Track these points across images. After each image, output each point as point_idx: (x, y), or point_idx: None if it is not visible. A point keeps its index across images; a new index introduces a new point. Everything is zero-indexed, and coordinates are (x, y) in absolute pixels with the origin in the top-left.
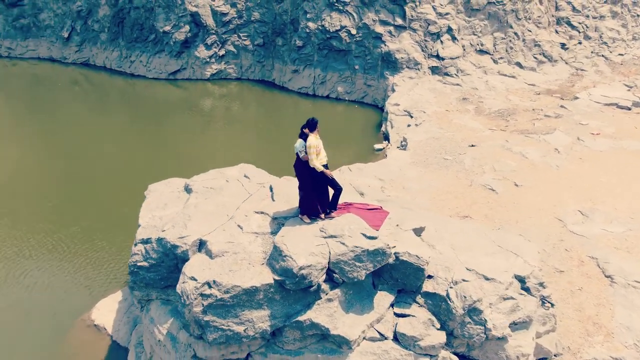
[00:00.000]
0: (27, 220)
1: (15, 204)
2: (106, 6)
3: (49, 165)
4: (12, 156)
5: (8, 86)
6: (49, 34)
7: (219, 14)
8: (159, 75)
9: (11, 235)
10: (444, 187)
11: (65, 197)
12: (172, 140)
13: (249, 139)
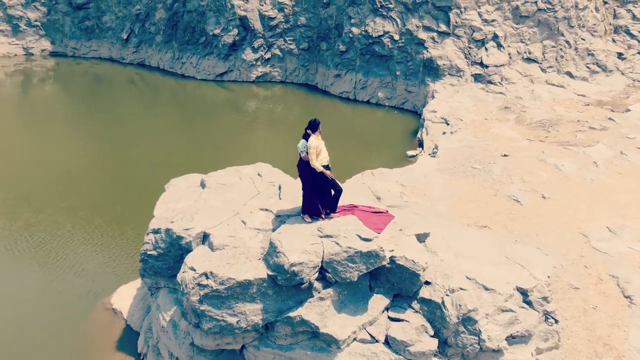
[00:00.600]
0: (68, 207)
1: (61, 191)
2: (162, 10)
3: (96, 156)
4: (67, 148)
5: (72, 84)
6: (110, 36)
7: (266, 18)
8: (207, 76)
9: (53, 221)
10: (467, 195)
11: (105, 186)
12: (215, 138)
13: (287, 140)
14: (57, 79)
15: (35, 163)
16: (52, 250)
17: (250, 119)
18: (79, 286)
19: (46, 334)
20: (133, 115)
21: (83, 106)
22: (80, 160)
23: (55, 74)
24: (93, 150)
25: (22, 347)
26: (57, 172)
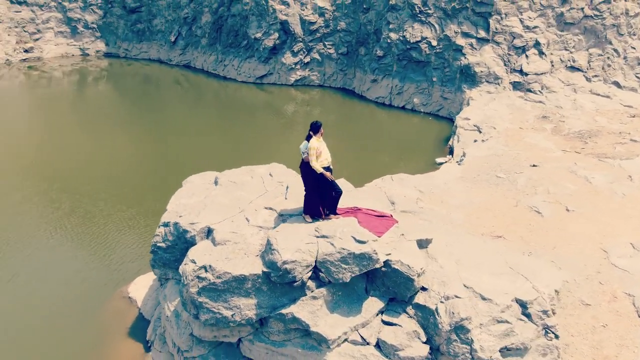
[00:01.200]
0: (105, 199)
1: (100, 184)
2: (208, 13)
3: (137, 152)
4: (113, 143)
5: (123, 83)
6: (159, 38)
7: (307, 23)
8: (248, 79)
9: (88, 211)
10: (486, 204)
11: (141, 180)
12: (251, 139)
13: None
14: (110, 79)
15: (82, 157)
16: (83, 239)
17: (287, 122)
18: (101, 274)
19: (65, 317)
20: (177, 115)
21: (132, 105)
22: (122, 155)
23: (108, 74)
24: (136, 146)
25: (42, 327)
26: (100, 166)
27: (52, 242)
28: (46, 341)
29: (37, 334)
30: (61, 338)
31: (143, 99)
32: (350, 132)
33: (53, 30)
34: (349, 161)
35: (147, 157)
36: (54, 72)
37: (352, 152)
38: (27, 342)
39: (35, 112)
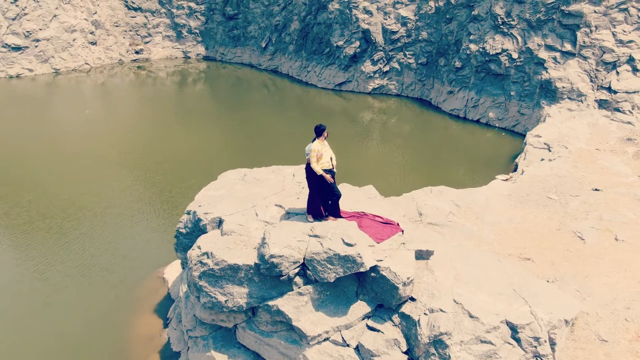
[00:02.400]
0: (171, 186)
1: (171, 172)
2: (297, 21)
3: (217, 146)
4: (201, 137)
5: (218, 84)
6: (252, 44)
7: (388, 32)
8: (327, 85)
9: (149, 197)
10: (525, 225)
11: (207, 171)
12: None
13: (390, 153)
14: (207, 80)
15: (172, 146)
16: (134, 221)
17: (362, 130)
18: (143, 255)
19: (105, 291)
20: (261, 115)
21: (223, 104)
22: (205, 146)
23: (206, 75)
24: (220, 139)
25: (84, 291)
26: (184, 156)
27: (116, 220)
28: (84, 303)
29: (78, 296)
30: (97, 303)
31: (233, 99)
32: (422, 143)
33: (161, 35)
34: (412, 171)
35: (226, 149)
36: (159, 72)
37: (418, 162)
38: (69, 300)
39: (141, 107)
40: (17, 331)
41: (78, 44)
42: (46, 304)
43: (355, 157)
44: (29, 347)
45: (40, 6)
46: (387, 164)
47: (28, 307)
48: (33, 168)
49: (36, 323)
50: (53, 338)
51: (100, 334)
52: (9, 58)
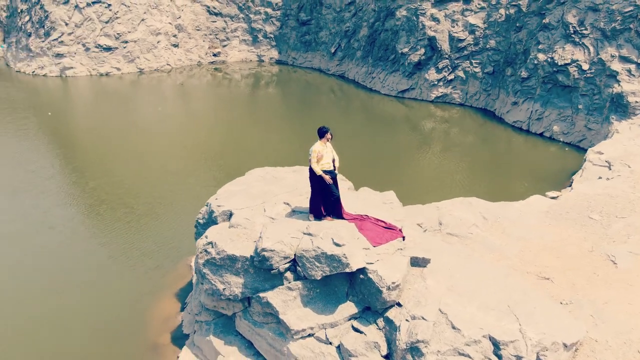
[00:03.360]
0: (212, 183)
1: (226, 167)
2: (366, 28)
3: (279, 147)
4: (266, 136)
5: (288, 88)
6: (323, 49)
7: (455, 40)
8: (390, 92)
9: (190, 192)
10: (555, 243)
11: None
12: (385, 152)
13: (446, 163)
14: (278, 83)
15: (230, 144)
16: (180, 212)
17: (422, 138)
18: (180, 244)
19: (140, 274)
20: (326, 118)
21: (291, 106)
22: (262, 147)
23: (277, 79)
24: (278, 141)
25: (120, 278)
26: (239, 153)
27: (165, 209)
28: (121, 284)
29: (117, 277)
30: (131, 285)
31: (301, 102)
32: (481, 155)
33: (238, 38)
34: (463, 182)
35: (284, 149)
36: (234, 74)
37: (471, 174)
38: (110, 280)
39: (213, 106)
40: (61, 302)
41: (161, 46)
42: (89, 282)
43: (410, 165)
44: (67, 316)
45: (130, 10)
46: (441, 174)
47: (73, 284)
48: (103, 156)
49: (77, 297)
50: (87, 310)
51: (127, 312)
52: (100, 57)
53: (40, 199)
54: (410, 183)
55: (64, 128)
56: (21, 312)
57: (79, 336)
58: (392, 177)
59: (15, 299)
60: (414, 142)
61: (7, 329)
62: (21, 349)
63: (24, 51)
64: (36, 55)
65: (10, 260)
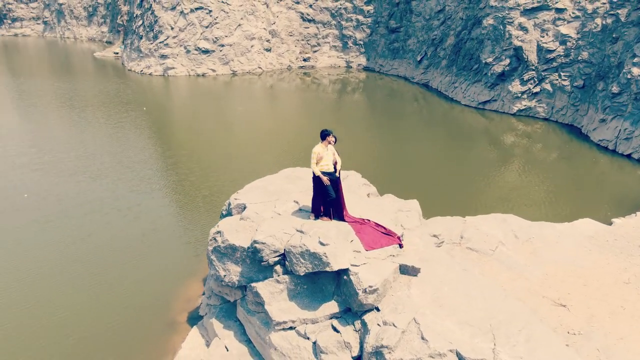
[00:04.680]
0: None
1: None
2: (453, 36)
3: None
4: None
5: (373, 94)
6: (409, 57)
7: (544, 51)
8: (471, 102)
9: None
10: (588, 271)
11: None
12: (457, 165)
13: (521, 180)
14: (364, 89)
15: (304, 146)
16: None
17: (501, 152)
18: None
19: (178, 260)
20: (406, 128)
21: (374, 113)
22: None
23: (364, 85)
24: (357, 147)
25: (161, 261)
26: (305, 153)
27: (220, 200)
28: (160, 266)
29: (159, 260)
30: (169, 269)
31: (384, 109)
32: (561, 174)
33: (329, 45)
34: (534, 200)
35: (357, 153)
36: (322, 80)
37: (545, 193)
38: (153, 262)
39: (298, 109)
40: (109, 276)
41: (255, 50)
42: (136, 261)
43: (485, 180)
44: (109, 287)
45: (229, 16)
46: (513, 190)
47: (124, 261)
48: (180, 147)
49: (121, 272)
50: (126, 285)
51: (159, 291)
52: (198, 59)
53: (118, 185)
54: (474, 197)
55: (155, 122)
56: (73, 279)
57: (112, 307)
58: (454, 190)
59: (72, 271)
60: (491, 156)
61: (67, 289)
62: (66, 308)
63: (135, 52)
64: (145, 56)
65: (79, 235)
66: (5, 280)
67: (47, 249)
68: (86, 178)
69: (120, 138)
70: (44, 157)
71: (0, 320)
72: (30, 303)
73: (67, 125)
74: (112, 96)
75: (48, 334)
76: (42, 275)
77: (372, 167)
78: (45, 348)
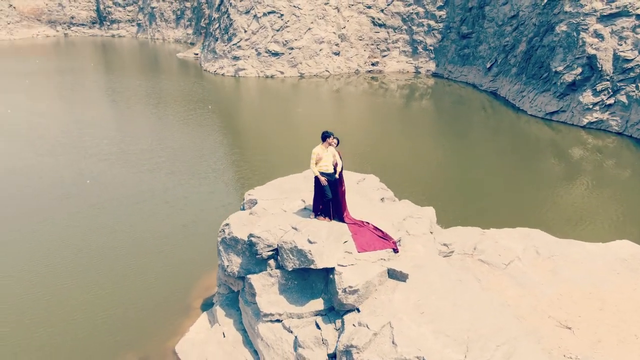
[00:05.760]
0: None
1: None
2: (524, 43)
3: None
4: (406, 145)
5: (440, 101)
6: (479, 64)
7: (620, 60)
8: (538, 113)
9: None
10: (608, 295)
11: None
12: (517, 178)
13: (586, 199)
14: (432, 96)
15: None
16: None
17: (567, 167)
18: None
19: (205, 248)
20: (469, 136)
21: (440, 120)
22: (394, 158)
23: (432, 91)
24: (417, 151)
25: (189, 249)
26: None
27: None
28: (182, 254)
29: (187, 248)
30: (194, 256)
31: (452, 117)
32: (634, 194)
33: (399, 49)
34: (595, 218)
35: (417, 159)
36: (390, 85)
37: (614, 212)
38: (181, 250)
39: (367, 113)
40: (137, 262)
41: (323, 54)
42: (169, 251)
43: (545, 195)
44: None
45: (299, 20)
46: (576, 209)
47: (159, 248)
48: (241, 146)
49: (152, 258)
50: (153, 270)
51: (181, 278)
52: (268, 62)
53: (170, 178)
54: (527, 211)
55: (218, 120)
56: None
57: (139, 290)
58: (510, 203)
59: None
60: (555, 171)
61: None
62: (100, 287)
63: (211, 53)
64: (219, 57)
65: (127, 222)
66: (57, 256)
67: (97, 232)
68: (144, 170)
69: (182, 134)
70: (112, 149)
71: (52, 290)
72: (68, 280)
73: (138, 119)
74: (184, 94)
75: (82, 308)
76: (86, 255)
77: (422, 173)
78: (78, 320)
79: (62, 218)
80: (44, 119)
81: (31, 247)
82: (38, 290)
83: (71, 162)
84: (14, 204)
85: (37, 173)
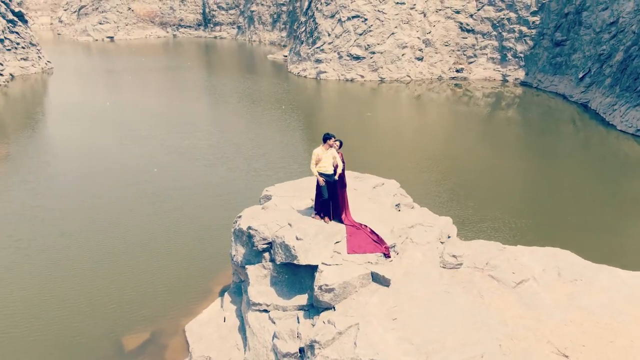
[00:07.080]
0: None
1: None
2: (622, 52)
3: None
4: (474, 158)
5: (527, 112)
6: (571, 73)
7: None
8: (628, 129)
9: None
10: (625, 328)
11: None
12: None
13: None
14: (519, 106)
15: (425, 162)
16: None
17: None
18: None
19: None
20: (552, 151)
21: (526, 132)
22: (470, 169)
23: (520, 101)
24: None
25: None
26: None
27: None
28: (207, 242)
29: (207, 235)
30: (216, 247)
31: (538, 130)
32: None
33: (486, 56)
34: None
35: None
36: (475, 92)
37: None
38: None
39: (450, 121)
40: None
41: (405, 59)
42: (203, 238)
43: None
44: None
45: (383, 24)
46: None
47: (192, 235)
48: (302, 146)
49: (178, 244)
50: (187, 255)
51: (205, 264)
52: (349, 65)
53: (228, 174)
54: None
55: (289, 119)
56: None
57: (168, 272)
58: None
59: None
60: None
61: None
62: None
63: (296, 55)
64: (303, 60)
65: (177, 207)
66: (110, 233)
67: (150, 218)
68: (206, 164)
69: (251, 132)
70: (184, 142)
71: (99, 263)
72: (114, 257)
73: (215, 115)
74: (265, 94)
75: (117, 283)
76: (135, 235)
77: (496, 186)
78: (112, 291)
79: (124, 200)
80: (136, 113)
81: (88, 223)
82: (88, 259)
83: (146, 152)
84: (85, 183)
85: (113, 158)
